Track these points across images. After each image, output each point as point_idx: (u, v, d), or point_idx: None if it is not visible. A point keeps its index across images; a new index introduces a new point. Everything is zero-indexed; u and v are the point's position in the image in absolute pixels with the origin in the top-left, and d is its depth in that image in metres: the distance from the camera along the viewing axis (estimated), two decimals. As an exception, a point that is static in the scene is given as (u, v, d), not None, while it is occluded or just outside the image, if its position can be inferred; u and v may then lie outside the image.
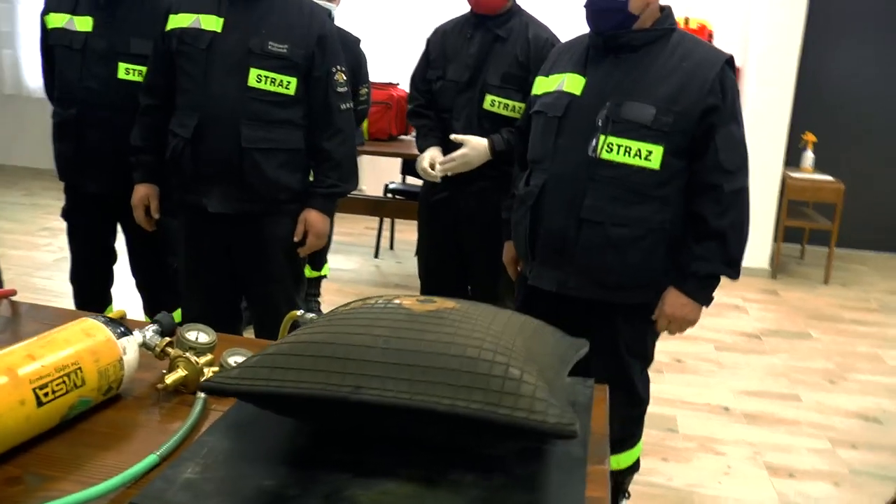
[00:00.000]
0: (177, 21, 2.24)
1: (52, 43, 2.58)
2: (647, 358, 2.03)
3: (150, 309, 2.85)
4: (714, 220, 1.80)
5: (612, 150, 1.80)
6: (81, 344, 1.04)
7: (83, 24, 2.52)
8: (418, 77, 2.75)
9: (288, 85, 2.24)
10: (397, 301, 1.06)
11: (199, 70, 2.20)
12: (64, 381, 0.99)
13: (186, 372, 1.15)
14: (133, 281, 2.87)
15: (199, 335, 1.24)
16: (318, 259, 4.21)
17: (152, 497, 0.88)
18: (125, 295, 3.13)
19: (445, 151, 2.58)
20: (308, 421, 1.01)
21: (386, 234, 5.66)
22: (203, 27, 2.21)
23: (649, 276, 1.87)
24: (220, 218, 2.28)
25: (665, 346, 3.80)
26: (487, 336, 0.96)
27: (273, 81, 2.22)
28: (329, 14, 2.39)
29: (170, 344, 1.21)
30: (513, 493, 0.92)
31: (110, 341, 1.08)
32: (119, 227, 2.77)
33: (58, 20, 2.56)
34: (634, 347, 1.96)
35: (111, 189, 2.55)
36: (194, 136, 2.21)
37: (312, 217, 2.36)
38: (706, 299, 1.90)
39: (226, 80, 2.19)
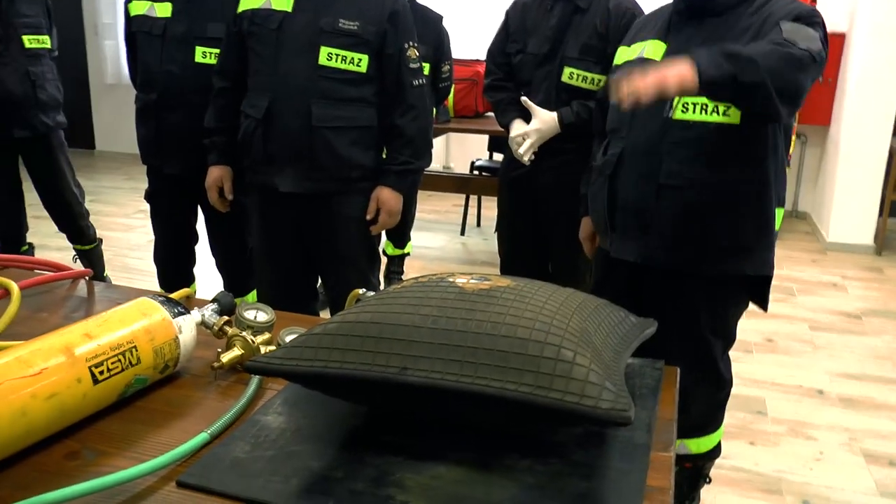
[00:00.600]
0: (248, 3, 2.25)
1: (135, 30, 2.65)
2: (730, 338, 1.92)
3: (231, 288, 2.91)
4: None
5: (687, 108, 1.71)
6: (137, 323, 1.05)
7: (163, 10, 2.57)
8: (496, 50, 2.69)
9: (359, 62, 2.22)
10: (450, 279, 1.02)
11: (270, 51, 2.21)
12: (119, 360, 0.99)
13: (243, 351, 1.15)
14: (214, 261, 2.94)
15: (257, 314, 1.23)
16: (401, 236, 4.22)
17: (199, 475, 0.87)
18: (207, 275, 3.22)
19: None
20: (355, 401, 0.98)
21: (473, 211, 5.63)
22: (274, 7, 2.21)
23: (732, 242, 1.76)
24: (291, 198, 2.29)
25: (755, 325, 3.64)
26: (540, 315, 0.91)
27: (344, 59, 2.20)
28: None
29: (228, 323, 1.21)
30: (569, 480, 0.87)
31: (166, 320, 1.08)
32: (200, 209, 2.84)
33: (139, 7, 2.62)
34: (716, 327, 1.86)
35: (190, 171, 2.60)
36: (265, 117, 2.22)
37: (385, 194, 2.34)
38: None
39: (296, 59, 2.19)
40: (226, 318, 1.22)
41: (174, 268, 2.90)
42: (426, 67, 3.66)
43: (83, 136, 7.72)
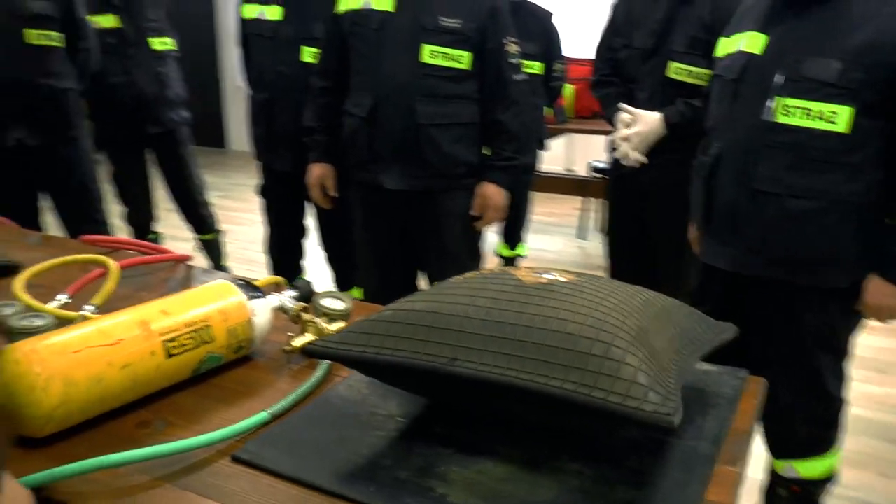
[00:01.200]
0: (348, 3, 2.31)
1: (248, 32, 2.78)
2: (840, 350, 1.79)
3: (340, 283, 3.00)
4: None
5: (788, 112, 1.61)
6: (212, 304, 1.09)
7: (273, 13, 2.69)
8: (603, 45, 2.64)
9: (461, 59, 2.24)
10: (512, 272, 1.00)
11: (372, 50, 2.26)
12: (193, 337, 1.04)
13: (314, 336, 1.18)
14: (324, 255, 3.04)
15: (335, 302, 1.26)
16: (514, 237, 4.21)
17: (253, 452, 0.90)
18: (318, 268, 3.32)
19: None
20: (407, 390, 0.98)
21: (593, 214, 5.55)
22: (374, 7, 2.26)
23: (837, 255, 1.64)
24: (396, 195, 2.33)
25: (891, 343, 3.37)
26: (595, 312, 0.87)
27: (446, 56, 2.22)
28: None
29: (305, 309, 1.24)
30: (616, 486, 0.84)
31: (241, 303, 1.12)
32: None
33: (252, 11, 2.75)
34: (822, 337, 1.74)
35: (299, 167, 2.70)
36: (370, 115, 2.27)
37: (490, 190, 2.35)
38: None
39: (399, 58, 2.23)
40: (303, 304, 1.26)
41: (285, 261, 3.02)
42: (537, 66, 3.64)
43: (215, 135, 8.16)
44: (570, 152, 6.75)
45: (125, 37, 3.36)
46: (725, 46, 1.82)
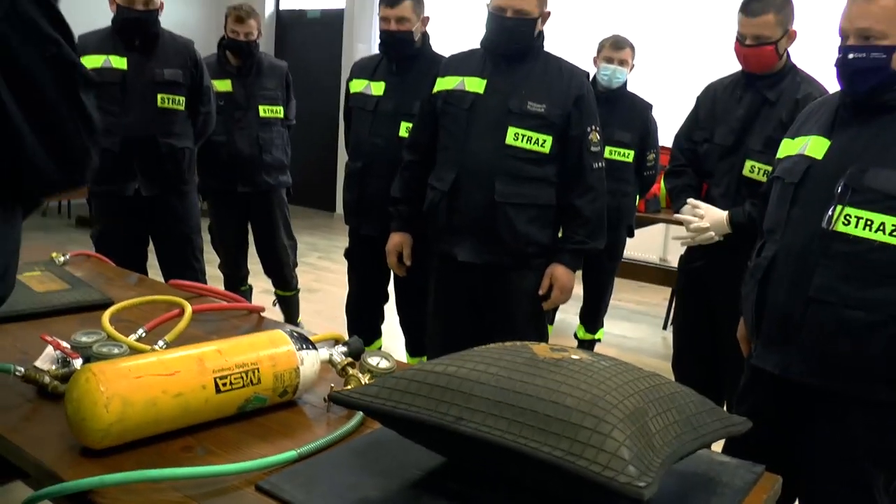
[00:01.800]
0: (443, 83, 2.47)
1: (352, 105, 3.00)
2: (894, 468, 1.72)
3: (412, 348, 3.10)
4: None
5: (849, 222, 1.60)
6: (264, 350, 1.21)
7: (377, 88, 2.90)
8: (683, 136, 2.69)
9: (543, 143, 2.34)
10: (531, 346, 1.08)
11: (461, 128, 2.40)
12: (241, 377, 1.16)
13: (353, 389, 1.27)
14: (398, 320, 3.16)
15: (380, 361, 1.36)
16: (593, 321, 4.22)
17: (273, 484, 1.00)
18: (395, 332, 3.44)
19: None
20: (420, 443, 1.06)
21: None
22: (467, 89, 2.41)
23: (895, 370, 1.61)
24: (469, 267, 2.43)
25: None
26: (594, 389, 0.94)
27: (529, 140, 2.33)
28: (587, 76, 2.46)
29: (352, 364, 1.35)
30: (602, 558, 0.88)
31: (290, 352, 1.24)
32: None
33: (358, 85, 2.97)
34: (876, 453, 1.67)
35: (384, 234, 2.85)
36: (451, 190, 2.40)
37: (559, 271, 2.41)
38: None
39: (485, 137, 2.35)
40: (351, 360, 1.36)
41: (363, 321, 3.15)
42: (631, 154, 3.72)
43: (327, 199, 8.53)
44: (665, 242, 6.71)
45: (236, 101, 3.67)
46: (788, 148, 1.84)
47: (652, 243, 6.27)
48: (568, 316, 4.58)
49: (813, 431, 1.72)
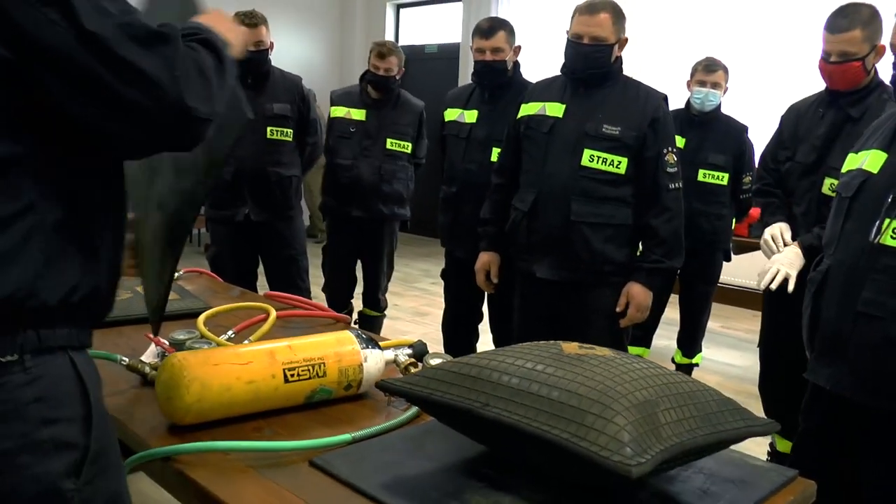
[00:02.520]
0: (527, 109, 2.59)
1: (446, 133, 3.16)
2: None
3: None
4: None
5: None
6: (331, 347, 1.36)
7: (470, 116, 3.05)
8: (769, 156, 2.68)
9: (619, 164, 2.41)
10: (560, 344, 1.17)
11: (540, 151, 2.50)
12: (308, 369, 1.31)
13: (410, 385, 1.40)
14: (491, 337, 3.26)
15: (439, 361, 1.48)
16: (691, 345, 4.17)
17: (326, 461, 1.13)
18: (488, 349, 3.54)
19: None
20: (455, 427, 1.16)
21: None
22: (548, 114, 2.51)
23: None
24: (548, 284, 2.52)
25: None
26: (607, 381, 1.02)
27: (604, 161, 2.41)
28: (665, 99, 2.51)
29: (414, 364, 1.47)
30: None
31: (355, 350, 1.38)
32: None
33: (453, 114, 3.13)
34: None
35: (477, 255, 2.97)
36: (531, 210, 2.50)
37: (635, 290, 2.45)
38: None
39: (561, 159, 2.45)
40: (413, 360, 1.49)
41: (459, 339, 3.28)
42: (725, 177, 3.69)
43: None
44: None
45: (366, 130, 3.87)
46: (851, 162, 1.82)
47: (755, 268, 6.10)
48: (666, 341, 4.53)
49: (868, 450, 1.70)
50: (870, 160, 1.73)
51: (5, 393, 0.86)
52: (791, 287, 2.23)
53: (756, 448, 2.49)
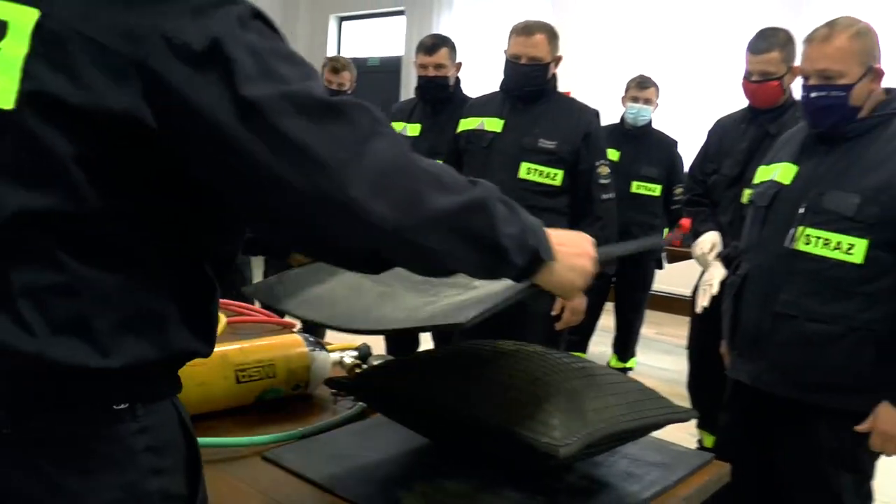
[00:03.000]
0: (466, 124, 2.70)
1: None
2: (861, 471, 1.81)
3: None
4: None
5: (809, 241, 1.75)
6: (280, 350, 1.43)
7: (414, 129, 3.15)
8: (696, 169, 2.85)
9: (555, 177, 2.53)
10: (496, 343, 1.26)
11: (480, 165, 2.61)
12: (259, 370, 1.37)
13: (357, 385, 1.47)
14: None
15: (385, 362, 1.56)
16: (624, 350, 4.33)
17: (277, 454, 1.20)
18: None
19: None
20: (401, 422, 1.24)
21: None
22: (487, 128, 2.63)
23: (853, 379, 1.72)
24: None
25: None
26: (538, 372, 1.12)
27: (541, 173, 2.53)
28: (597, 114, 2.65)
29: (359, 366, 1.55)
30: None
31: (303, 352, 1.45)
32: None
33: (397, 127, 3.18)
34: (841, 457, 1.78)
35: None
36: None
37: None
38: None
39: (500, 173, 2.56)
40: (359, 362, 1.56)
41: (401, 343, 3.34)
42: (658, 188, 3.86)
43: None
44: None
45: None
46: (762, 174, 1.99)
47: (693, 277, 6.33)
48: (603, 347, 4.68)
49: (783, 440, 1.85)
50: (781, 172, 1.89)
51: (117, 442, 0.80)
52: (715, 290, 2.37)
53: (686, 444, 2.62)
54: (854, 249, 1.70)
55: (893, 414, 1.69)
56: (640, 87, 3.88)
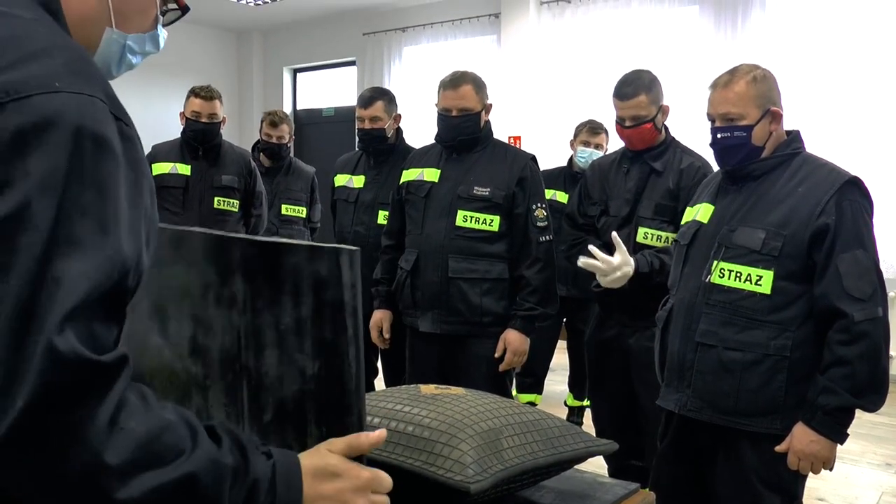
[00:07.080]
0: (407, 175, 2.78)
1: (336, 198, 3.33)
2: (787, 492, 1.88)
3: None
4: (840, 348, 1.72)
5: (723, 275, 1.85)
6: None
7: (358, 181, 3.22)
8: (576, 213, 2.81)
9: (491, 223, 2.61)
10: (420, 387, 1.31)
11: (419, 214, 2.68)
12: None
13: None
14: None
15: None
16: (581, 388, 4.36)
17: None
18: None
19: None
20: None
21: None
22: (425, 179, 2.71)
23: (770, 404, 1.81)
24: (432, 337, 2.67)
25: (874, 479, 3.17)
26: (456, 415, 1.17)
27: (477, 220, 2.61)
28: (533, 158, 2.72)
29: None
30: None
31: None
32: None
33: (341, 179, 3.32)
34: (767, 478, 1.86)
35: (368, 315, 3.06)
36: (413, 269, 2.67)
37: (511, 336, 2.63)
38: (838, 436, 1.77)
39: (438, 221, 2.63)
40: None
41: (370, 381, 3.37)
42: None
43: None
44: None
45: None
46: (687, 215, 2.11)
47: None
48: (561, 386, 4.73)
49: (714, 465, 1.92)
50: (702, 212, 2.00)
51: None
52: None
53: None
54: (762, 281, 1.80)
55: (807, 433, 1.78)
56: (592, 133, 3.99)
